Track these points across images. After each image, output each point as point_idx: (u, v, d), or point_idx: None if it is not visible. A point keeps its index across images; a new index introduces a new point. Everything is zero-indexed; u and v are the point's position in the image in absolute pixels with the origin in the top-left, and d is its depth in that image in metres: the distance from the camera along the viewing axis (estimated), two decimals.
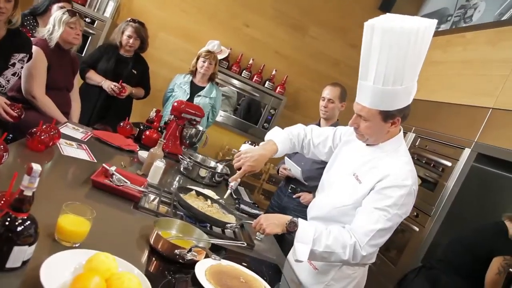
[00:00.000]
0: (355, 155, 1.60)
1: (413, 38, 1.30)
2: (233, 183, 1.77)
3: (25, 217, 0.88)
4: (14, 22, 2.16)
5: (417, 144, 3.10)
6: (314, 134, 1.83)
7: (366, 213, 1.44)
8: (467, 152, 2.59)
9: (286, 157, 2.78)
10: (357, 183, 1.52)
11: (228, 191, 1.80)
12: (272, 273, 1.52)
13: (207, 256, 1.29)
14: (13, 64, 2.23)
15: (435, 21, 1.36)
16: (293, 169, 2.74)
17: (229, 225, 1.61)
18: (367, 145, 1.57)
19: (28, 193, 0.87)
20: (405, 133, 3.25)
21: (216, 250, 1.40)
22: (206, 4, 4.10)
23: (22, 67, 2.30)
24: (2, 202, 1.00)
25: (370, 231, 1.40)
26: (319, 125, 2.87)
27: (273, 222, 1.50)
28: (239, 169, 1.69)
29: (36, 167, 0.86)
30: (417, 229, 2.72)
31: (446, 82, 3.14)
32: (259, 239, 1.76)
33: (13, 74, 2.26)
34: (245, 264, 1.42)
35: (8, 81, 2.23)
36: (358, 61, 1.44)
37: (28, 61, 2.34)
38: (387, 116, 1.43)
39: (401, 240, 2.85)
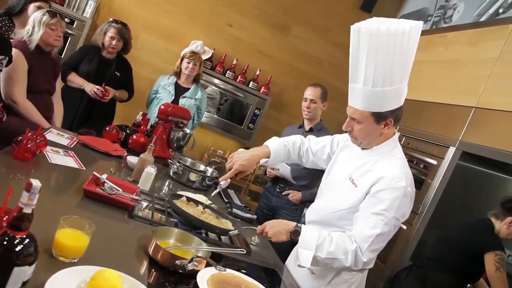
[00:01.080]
0: (352, 159, 1.61)
1: (399, 40, 1.32)
2: (222, 183, 1.77)
3: (25, 236, 0.84)
4: None
5: (402, 142, 3.15)
6: (312, 142, 1.84)
7: (363, 218, 1.43)
8: (451, 150, 2.64)
9: None
10: (353, 186, 1.52)
11: (216, 190, 1.80)
12: (271, 279, 1.51)
13: (207, 265, 1.27)
14: None
15: (421, 22, 1.37)
16: (282, 168, 2.75)
17: (231, 232, 1.60)
18: (362, 149, 1.58)
19: (27, 210, 0.83)
20: None
21: (213, 257, 1.38)
22: (188, 3, 4.05)
23: (0, 70, 2.21)
24: None
25: (369, 237, 1.40)
26: (302, 126, 2.89)
27: (278, 231, 1.50)
28: (231, 169, 1.71)
29: (36, 183, 0.82)
30: (404, 227, 2.76)
31: (428, 82, 3.19)
32: (254, 244, 1.76)
33: None
34: (244, 271, 1.40)
35: None
36: (341, 60, 1.46)
37: (8, 63, 2.25)
38: (379, 117, 1.43)
39: (390, 240, 2.89)
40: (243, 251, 1.45)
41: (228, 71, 4.14)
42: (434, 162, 2.75)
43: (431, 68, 3.23)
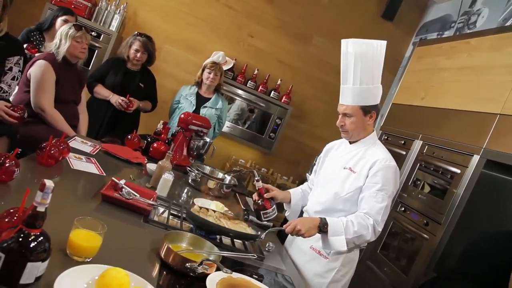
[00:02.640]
0: (342, 154, 1.93)
1: (372, 50, 1.75)
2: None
3: (38, 233, 0.89)
4: (1, 30, 2.15)
5: (424, 151, 3.08)
6: (310, 178, 2.19)
7: (371, 196, 1.74)
8: (476, 158, 2.56)
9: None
10: (351, 173, 1.82)
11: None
12: (282, 285, 1.51)
13: (218, 269, 1.28)
14: (10, 69, 2.24)
15: (385, 42, 1.78)
16: None
17: (258, 239, 1.65)
18: (350, 143, 1.91)
19: (41, 209, 0.88)
20: (412, 141, 3.24)
21: (225, 262, 1.39)
22: (210, 16, 4.14)
23: (19, 70, 2.30)
24: (15, 218, 1.01)
25: (380, 209, 1.72)
26: None
27: (309, 227, 1.67)
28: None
29: (49, 183, 0.87)
30: (427, 237, 2.69)
31: (451, 89, 3.12)
32: (270, 250, 1.76)
33: (13, 79, 2.26)
34: (256, 276, 1.41)
35: (9, 85, 2.23)
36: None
37: (24, 63, 2.35)
38: (366, 110, 1.80)
39: (411, 248, 2.82)
40: (254, 256, 1.46)
41: (249, 81, 4.19)
42: (458, 170, 2.67)
43: (454, 75, 3.16)
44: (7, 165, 1.31)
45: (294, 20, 4.26)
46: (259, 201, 1.88)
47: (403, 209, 3.02)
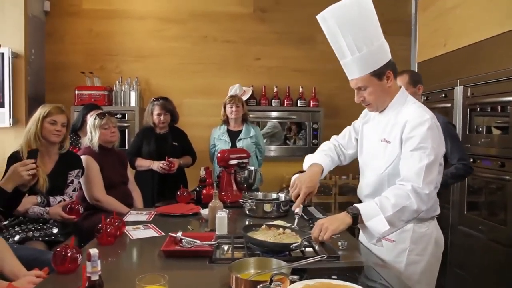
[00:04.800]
0: (375, 126, 1.73)
1: (355, 8, 1.53)
2: (297, 209, 1.78)
3: None
4: (64, 147, 2.43)
5: (469, 95, 2.89)
6: (339, 138, 1.98)
7: (406, 158, 1.52)
8: None
9: None
10: (388, 144, 1.62)
11: (296, 219, 1.80)
12: (365, 277, 1.43)
13: (292, 282, 1.24)
14: (72, 181, 2.46)
15: None
16: None
17: (293, 245, 1.57)
18: (380, 112, 1.70)
19: (95, 277, 0.91)
20: (451, 90, 3.06)
21: (299, 272, 1.34)
22: (213, 56, 4.28)
23: (79, 182, 2.52)
24: None
25: (420, 170, 1.47)
26: None
27: (335, 221, 1.50)
28: (298, 196, 1.75)
29: (93, 251, 0.90)
30: (509, 178, 2.47)
31: (469, 22, 2.95)
32: (343, 247, 1.69)
33: (74, 190, 2.47)
34: (335, 277, 1.35)
35: (71, 197, 2.42)
36: None
37: (82, 174, 2.54)
38: (379, 74, 1.58)
39: (498, 196, 2.60)
40: (324, 256, 1.40)
41: (273, 100, 4.21)
42: None
43: (466, 7, 3.00)
44: (69, 254, 1.38)
45: (292, 28, 4.28)
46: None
47: (471, 160, 2.81)
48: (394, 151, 1.58)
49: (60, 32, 4.15)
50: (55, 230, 2.31)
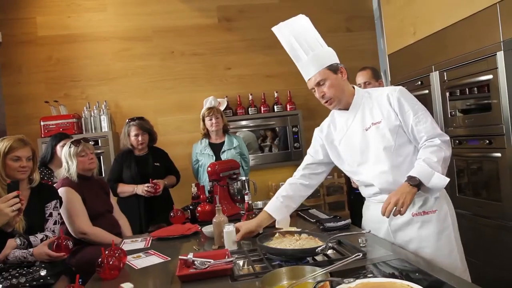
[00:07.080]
0: (349, 125, 1.83)
1: (300, 22, 1.86)
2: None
3: None
4: (34, 181, 2.21)
5: (445, 79, 2.94)
6: (307, 158, 2.05)
7: (417, 122, 1.70)
8: (500, 55, 2.42)
9: None
10: (378, 125, 1.74)
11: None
12: (398, 269, 1.36)
13: (333, 286, 1.15)
14: (50, 215, 2.25)
15: (303, 15, 1.89)
16: None
17: (318, 249, 1.49)
18: (348, 110, 1.83)
19: None
20: (427, 76, 3.10)
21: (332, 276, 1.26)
22: (182, 71, 4.17)
23: (59, 213, 2.31)
24: None
25: (432, 124, 1.70)
26: None
27: (406, 194, 1.56)
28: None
29: (127, 286, 0.78)
30: (499, 154, 2.51)
31: (436, 7, 3.01)
32: (364, 245, 1.62)
33: (55, 223, 2.26)
34: (371, 275, 1.27)
35: (53, 231, 2.22)
36: (338, 46, 1.97)
37: (60, 204, 2.34)
38: (333, 69, 1.77)
39: (489, 174, 2.63)
40: (359, 255, 1.33)
41: (249, 108, 4.14)
42: (490, 76, 2.52)
43: None
44: None
45: (258, 34, 4.25)
46: None
47: (457, 142, 2.84)
48: (392, 122, 1.72)
49: (17, 62, 3.91)
50: (43, 272, 2.09)
